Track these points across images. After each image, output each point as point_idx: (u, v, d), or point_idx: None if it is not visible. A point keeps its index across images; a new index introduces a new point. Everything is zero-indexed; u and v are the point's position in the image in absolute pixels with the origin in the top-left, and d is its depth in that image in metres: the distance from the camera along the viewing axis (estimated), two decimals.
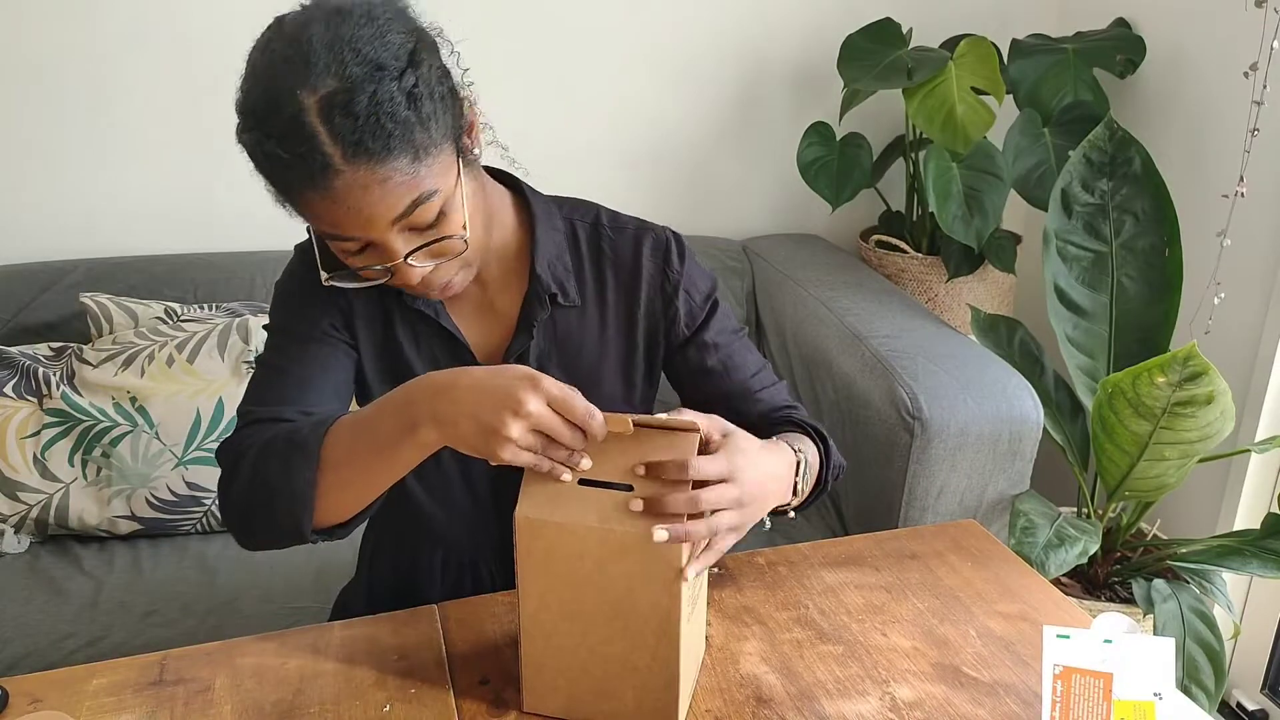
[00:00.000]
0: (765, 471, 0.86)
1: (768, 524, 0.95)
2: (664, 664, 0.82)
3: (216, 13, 1.84)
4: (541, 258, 0.98)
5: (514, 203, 1.01)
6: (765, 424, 1.02)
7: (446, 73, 0.86)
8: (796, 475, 0.93)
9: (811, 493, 1.00)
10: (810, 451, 0.98)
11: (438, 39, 0.87)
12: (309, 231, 0.93)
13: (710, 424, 0.83)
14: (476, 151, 0.90)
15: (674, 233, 1.04)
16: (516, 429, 0.75)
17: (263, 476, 0.87)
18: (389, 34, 0.80)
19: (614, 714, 0.85)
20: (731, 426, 0.85)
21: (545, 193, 1.04)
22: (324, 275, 0.88)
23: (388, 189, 0.80)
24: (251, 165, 0.84)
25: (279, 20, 0.82)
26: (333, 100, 0.77)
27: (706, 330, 1.04)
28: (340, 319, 0.98)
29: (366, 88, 0.78)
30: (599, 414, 0.78)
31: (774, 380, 1.07)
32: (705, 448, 0.82)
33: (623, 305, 1.02)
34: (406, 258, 0.85)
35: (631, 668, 0.83)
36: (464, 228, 0.87)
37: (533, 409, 0.75)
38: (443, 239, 0.86)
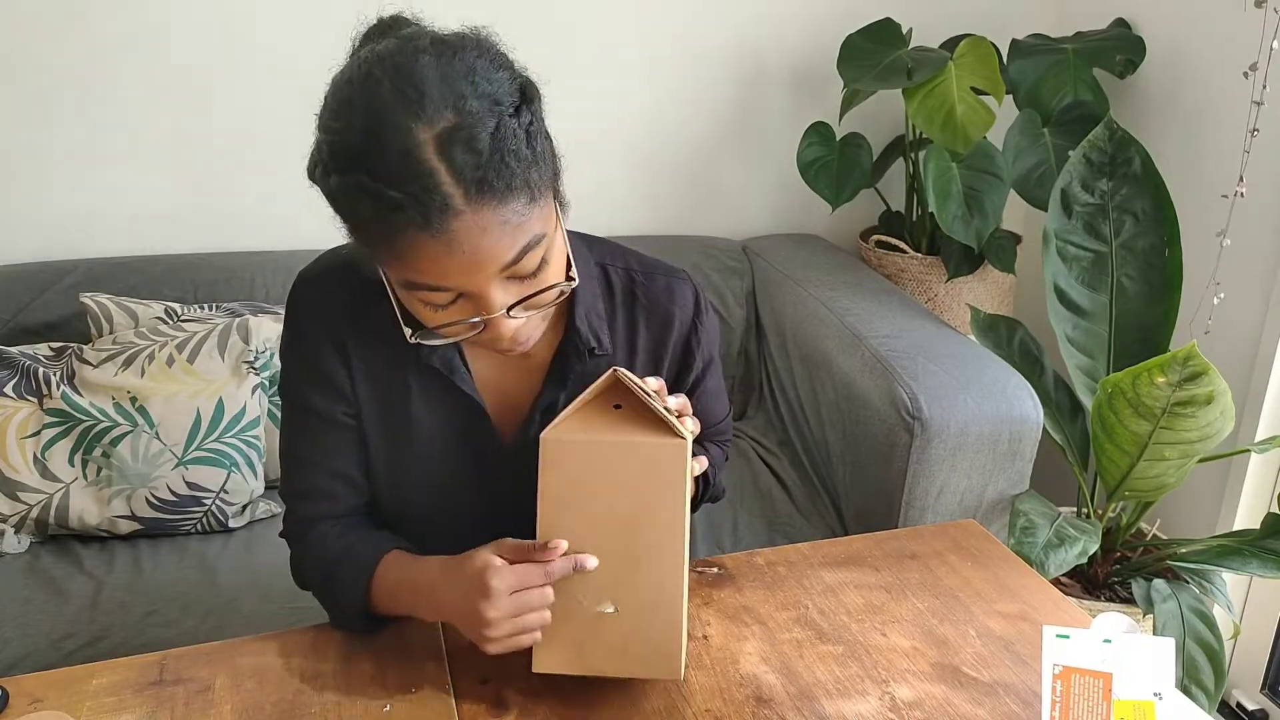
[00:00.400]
0: None
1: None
2: (671, 601, 0.84)
3: (217, 12, 1.84)
4: (580, 308, 0.95)
5: None
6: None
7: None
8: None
9: (699, 494, 1.07)
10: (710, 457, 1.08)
11: None
12: (389, 289, 0.84)
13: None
14: (565, 197, 0.86)
15: (699, 287, 1.07)
16: (497, 634, 0.83)
17: (331, 586, 0.96)
18: (500, 69, 0.76)
19: (619, 661, 0.85)
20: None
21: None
22: (408, 333, 0.83)
23: (505, 231, 0.75)
24: (335, 210, 0.78)
25: (376, 54, 0.75)
26: (453, 136, 0.72)
27: (704, 381, 1.08)
28: (343, 394, 0.96)
29: (488, 123, 0.73)
30: (559, 564, 0.83)
31: (728, 428, 1.16)
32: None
33: (651, 351, 1.02)
34: (509, 310, 0.80)
35: (636, 608, 0.84)
36: (572, 275, 0.84)
37: (494, 616, 0.82)
38: (546, 290, 0.81)
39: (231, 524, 1.66)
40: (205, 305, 1.79)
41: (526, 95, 0.77)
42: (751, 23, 2.12)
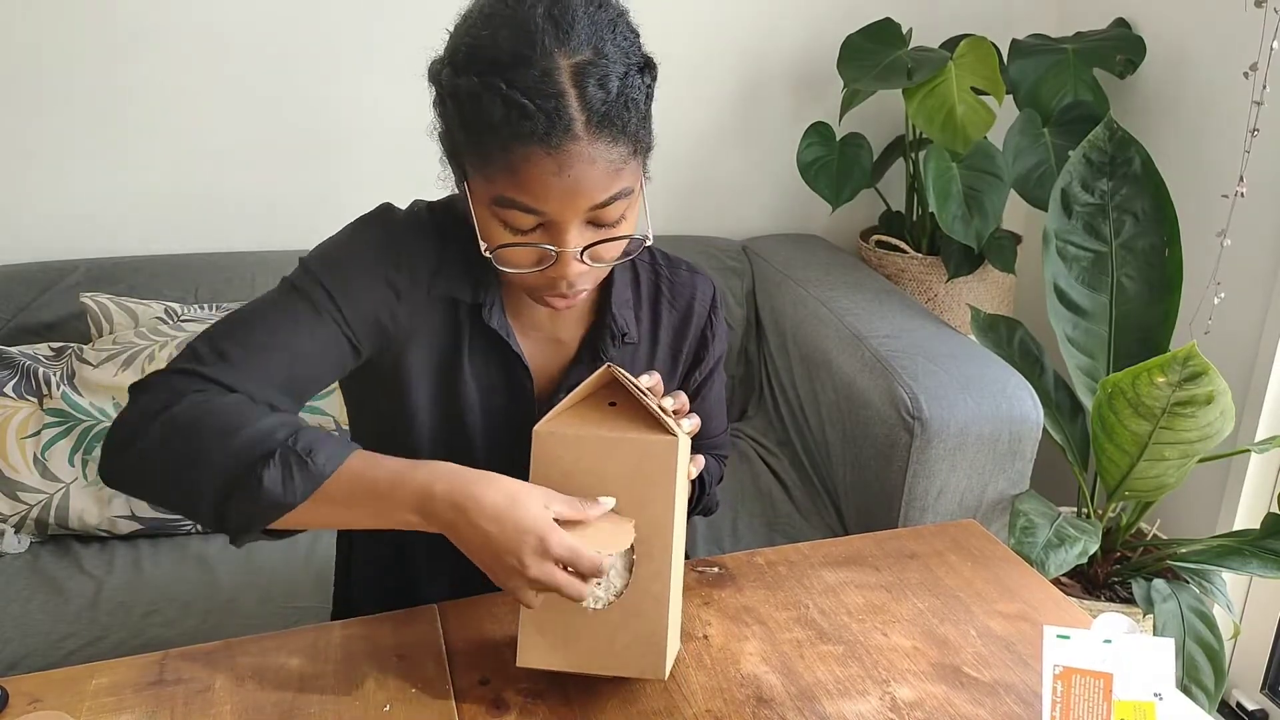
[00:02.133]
0: None
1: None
2: (657, 600, 0.83)
3: (216, 13, 1.84)
4: (614, 296, 0.99)
5: None
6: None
7: None
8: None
9: (694, 502, 1.09)
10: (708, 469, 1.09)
11: None
12: (470, 205, 0.85)
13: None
14: (649, 172, 0.89)
15: (715, 282, 1.10)
16: (518, 584, 0.80)
17: (245, 468, 0.79)
18: (633, 33, 0.84)
19: (604, 658, 0.85)
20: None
21: None
22: (484, 246, 0.85)
23: (608, 171, 0.80)
24: (450, 112, 0.81)
25: None
26: (588, 68, 0.78)
27: (711, 381, 1.10)
28: (391, 312, 0.92)
29: (619, 68, 0.80)
30: (607, 562, 0.81)
31: (726, 442, 1.17)
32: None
33: (672, 344, 1.06)
34: (582, 253, 0.84)
35: (622, 606, 0.84)
36: (648, 235, 0.89)
37: (536, 573, 0.79)
38: (617, 239, 0.86)
39: None
40: (205, 305, 1.79)
41: (649, 64, 0.85)
42: (751, 23, 2.12)
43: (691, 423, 0.91)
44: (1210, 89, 1.88)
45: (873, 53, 1.96)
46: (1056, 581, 1.71)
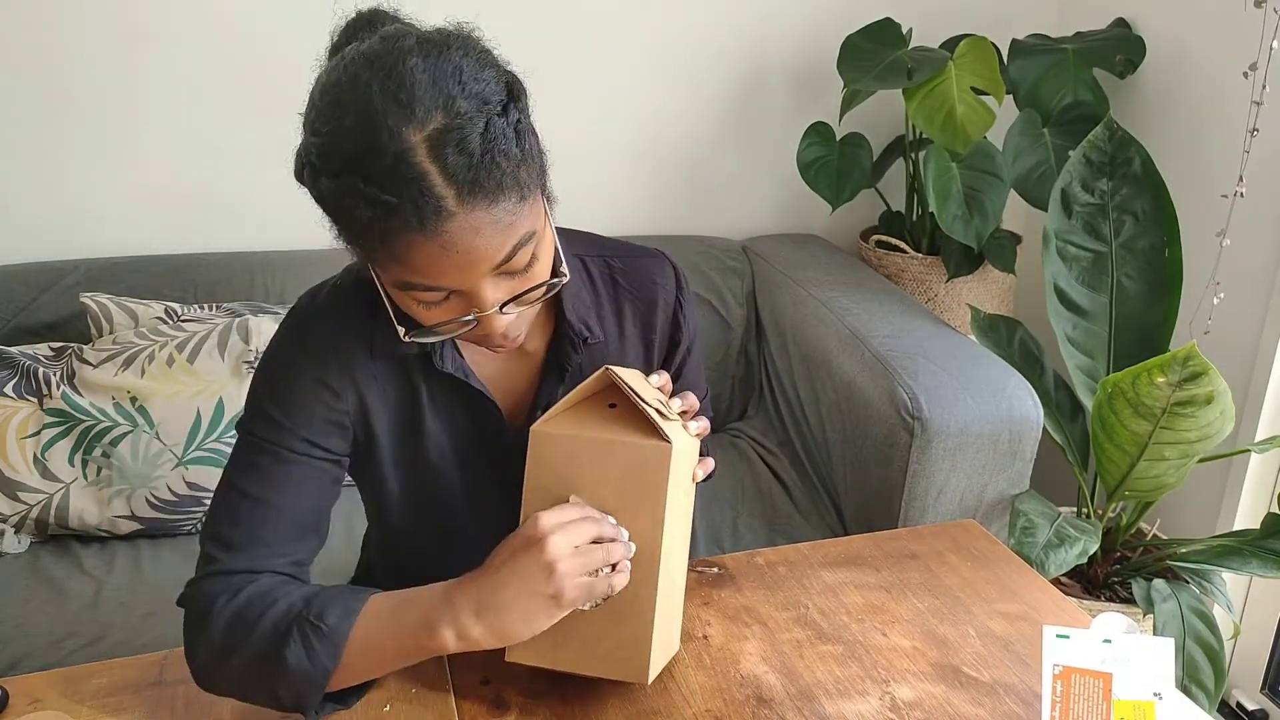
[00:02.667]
0: None
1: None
2: (643, 605, 0.83)
3: (217, 12, 1.84)
4: (567, 300, 0.96)
5: None
6: None
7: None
8: None
9: None
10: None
11: None
12: (381, 288, 0.84)
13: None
14: (552, 191, 0.86)
15: (673, 258, 1.07)
16: (572, 594, 0.79)
17: (273, 652, 0.82)
18: (486, 68, 0.76)
19: (590, 659, 0.85)
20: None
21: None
22: (402, 332, 0.82)
23: (497, 231, 0.75)
24: (325, 211, 0.77)
25: (362, 55, 0.75)
26: (444, 137, 0.72)
27: (690, 357, 1.08)
28: (339, 428, 0.92)
29: (476, 123, 0.73)
30: (617, 547, 0.82)
31: (708, 406, 1.12)
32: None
33: (640, 334, 1.04)
34: (503, 308, 0.80)
35: (609, 608, 0.84)
36: (562, 271, 0.85)
37: (563, 567, 0.79)
38: (535, 287, 0.82)
39: None
40: (205, 305, 1.79)
41: (513, 93, 0.77)
42: (751, 23, 2.12)
43: (700, 425, 0.90)
44: (1210, 89, 1.87)
45: (873, 53, 1.96)
46: (1056, 581, 1.71)
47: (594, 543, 0.82)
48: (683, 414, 0.90)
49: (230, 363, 1.66)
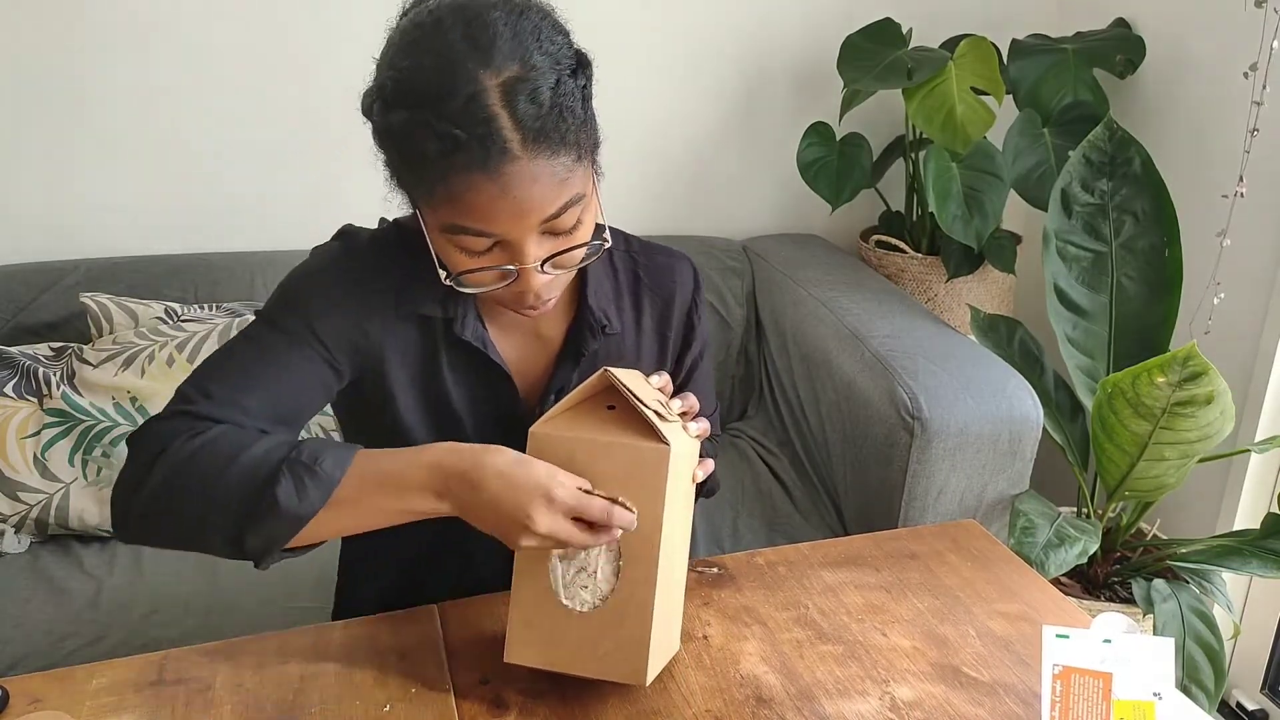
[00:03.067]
0: None
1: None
2: (642, 606, 0.83)
3: (215, 13, 1.84)
4: (590, 288, 0.98)
5: None
6: None
7: None
8: None
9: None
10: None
11: None
12: (426, 233, 0.85)
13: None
14: (601, 168, 0.88)
15: (693, 262, 1.10)
16: (530, 541, 0.80)
17: (256, 489, 0.81)
18: (560, 34, 0.82)
19: (589, 660, 0.85)
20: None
21: None
22: (443, 274, 0.84)
23: (553, 184, 0.79)
24: (387, 146, 0.80)
25: (446, 3, 0.79)
26: (517, 85, 0.76)
27: (701, 363, 1.10)
28: (348, 348, 0.92)
29: (549, 77, 0.78)
30: (618, 511, 0.81)
31: (716, 421, 1.15)
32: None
33: (656, 329, 1.05)
34: (543, 264, 0.83)
35: (606, 610, 0.84)
36: (605, 238, 0.88)
37: (543, 528, 0.79)
38: (577, 246, 0.84)
39: None
40: (205, 305, 1.79)
41: (581, 62, 0.82)
42: (751, 23, 2.12)
43: (700, 426, 0.90)
44: (1210, 89, 1.87)
45: (873, 53, 1.96)
46: (1056, 581, 1.71)
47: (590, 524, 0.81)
48: (683, 415, 0.90)
49: None
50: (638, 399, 0.84)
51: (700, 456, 0.93)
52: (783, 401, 1.95)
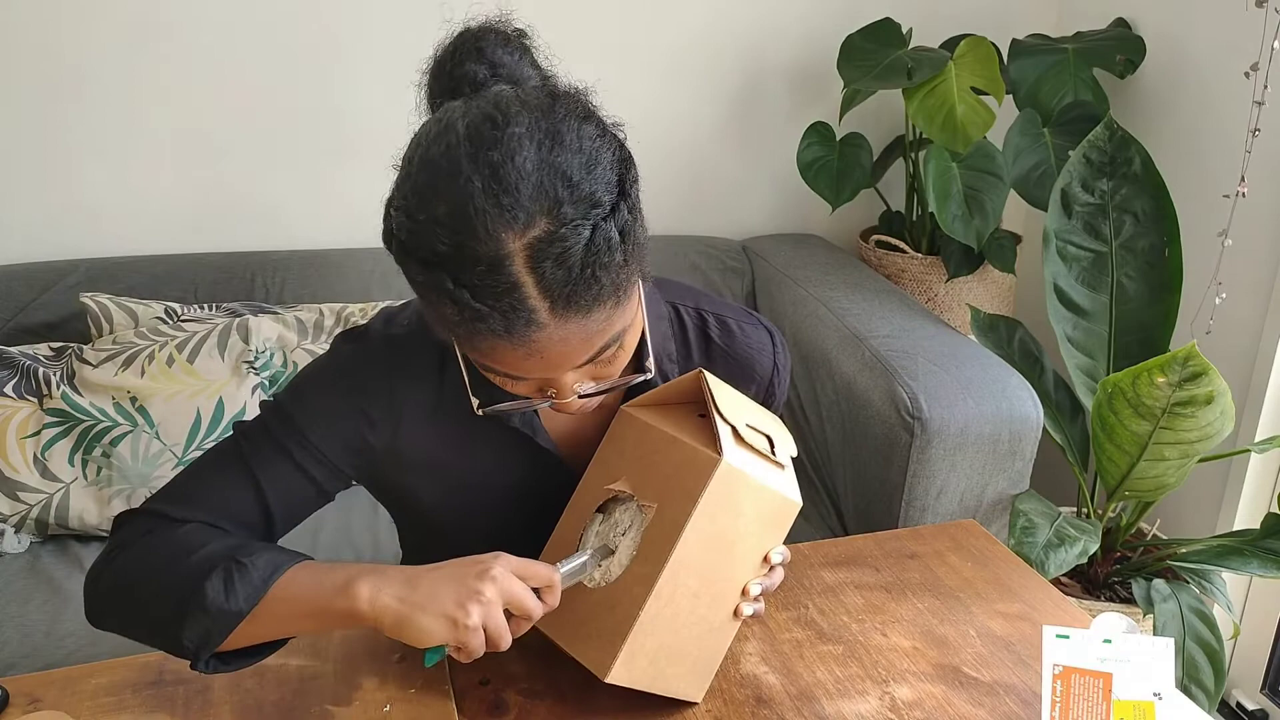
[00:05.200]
0: None
1: None
2: (633, 600, 0.81)
3: (216, 13, 1.84)
4: (651, 346, 0.90)
5: None
6: None
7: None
8: None
9: None
10: None
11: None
12: (461, 360, 0.83)
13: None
14: (649, 269, 0.80)
15: (772, 326, 1.03)
16: (473, 614, 0.75)
17: (192, 582, 0.80)
18: (600, 157, 0.72)
19: (573, 636, 0.84)
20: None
21: None
22: (475, 404, 0.82)
23: (586, 339, 0.73)
24: (415, 289, 0.73)
25: (466, 132, 0.70)
26: (544, 248, 0.68)
27: None
28: (378, 441, 0.89)
29: (581, 231, 0.69)
30: (556, 578, 0.80)
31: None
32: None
33: None
34: (584, 394, 0.79)
35: (604, 594, 0.83)
36: (647, 366, 0.84)
37: (493, 593, 0.76)
38: (617, 382, 0.81)
39: None
40: (205, 305, 1.79)
41: (624, 184, 0.73)
42: (751, 23, 2.12)
43: (756, 606, 0.88)
44: (1210, 89, 1.87)
45: (873, 53, 1.96)
46: (1056, 581, 1.71)
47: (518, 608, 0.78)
48: (770, 567, 0.88)
49: (230, 363, 1.66)
50: (719, 412, 0.83)
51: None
52: (782, 407, 1.95)
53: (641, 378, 0.84)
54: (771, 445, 0.87)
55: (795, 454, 0.91)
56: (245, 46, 1.88)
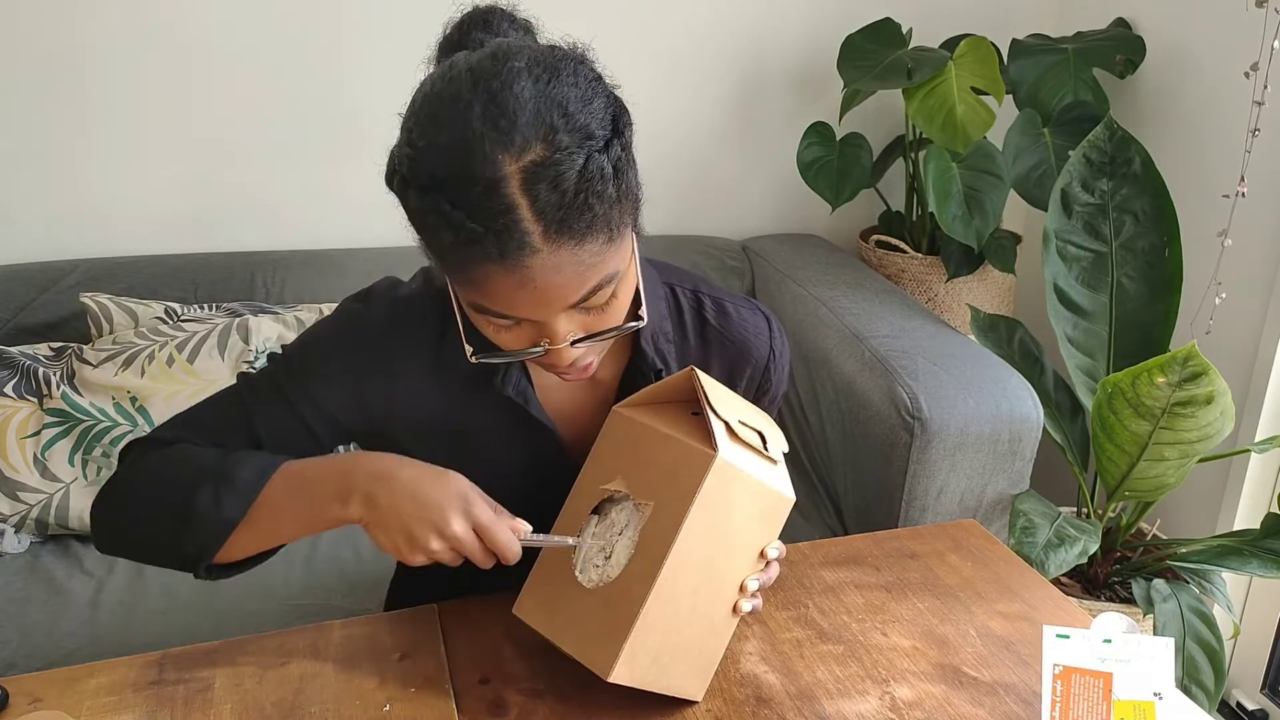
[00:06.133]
0: None
1: None
2: (633, 598, 0.81)
3: (216, 12, 1.84)
4: (646, 330, 0.93)
5: None
6: None
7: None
8: None
9: None
10: None
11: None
12: (456, 304, 0.84)
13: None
14: (644, 226, 0.82)
15: (770, 312, 1.04)
16: (436, 544, 0.80)
17: (184, 495, 0.85)
18: (595, 97, 0.74)
19: (573, 636, 0.84)
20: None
21: None
22: (469, 351, 0.82)
23: (579, 271, 0.73)
24: (413, 222, 0.75)
25: (470, 69, 0.72)
26: (539, 171, 0.69)
27: (770, 412, 1.04)
28: (356, 415, 0.92)
29: (575, 159, 0.70)
30: (517, 547, 0.82)
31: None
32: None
33: (723, 380, 0.98)
34: (575, 342, 0.79)
35: (604, 593, 0.83)
36: (641, 315, 0.84)
37: (456, 530, 0.80)
38: (609, 330, 0.80)
39: None
40: (205, 305, 1.79)
41: (618, 126, 0.75)
42: (751, 23, 2.12)
43: (754, 603, 0.88)
44: (1210, 89, 1.87)
45: (873, 53, 1.96)
46: (1056, 581, 1.71)
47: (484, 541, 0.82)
48: (766, 562, 0.89)
49: (230, 363, 1.66)
50: (713, 409, 0.83)
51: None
52: (783, 401, 1.95)
53: (634, 325, 0.83)
54: (764, 441, 0.88)
55: (787, 450, 0.92)
56: (246, 46, 1.88)
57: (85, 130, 1.86)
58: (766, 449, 0.87)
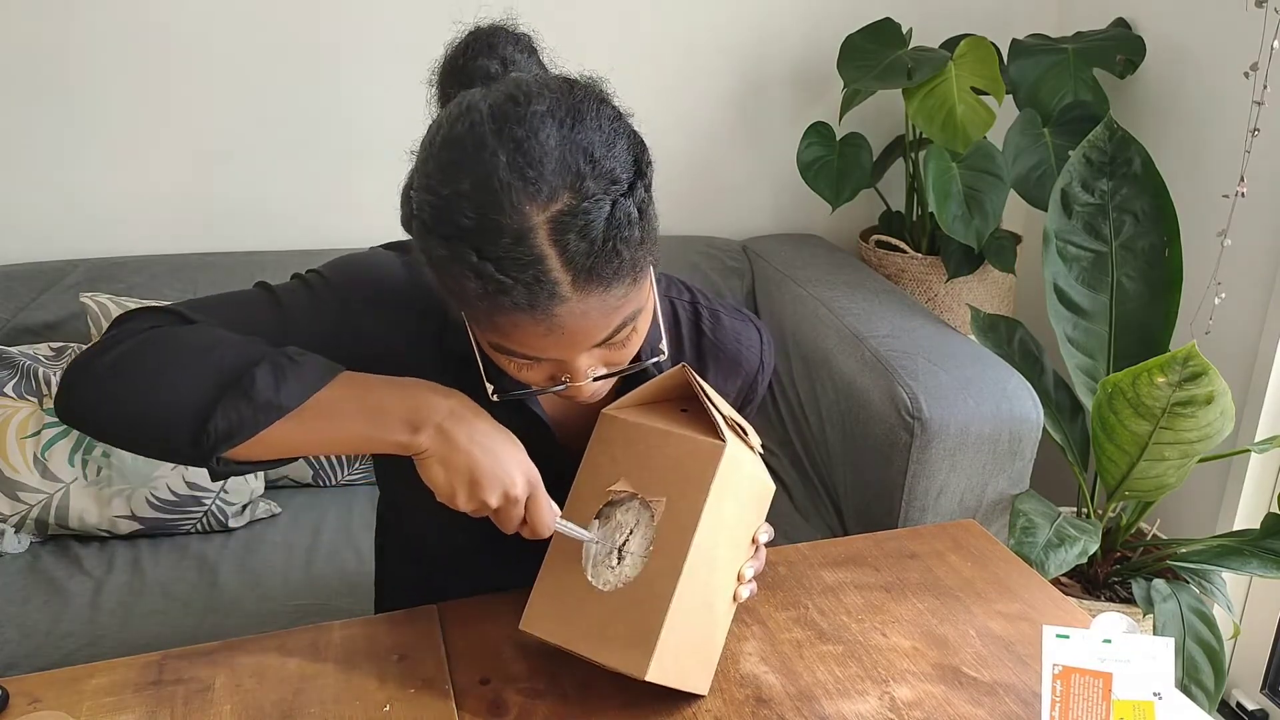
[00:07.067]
0: None
1: None
2: (660, 595, 0.81)
3: (216, 13, 1.84)
4: (646, 341, 0.90)
5: None
6: None
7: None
8: None
9: None
10: None
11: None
12: (473, 339, 0.83)
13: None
14: (659, 256, 0.81)
15: (761, 324, 1.05)
16: (495, 501, 0.80)
17: (239, 365, 0.78)
18: (618, 138, 0.73)
19: (599, 642, 0.84)
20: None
21: None
22: (490, 390, 0.82)
23: (605, 314, 0.73)
24: (434, 269, 0.74)
25: (489, 111, 0.71)
26: (567, 220, 0.69)
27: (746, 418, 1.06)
28: (382, 357, 0.87)
29: (603, 206, 0.70)
30: (553, 527, 0.85)
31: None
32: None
33: (716, 388, 0.99)
34: (597, 378, 0.79)
35: (625, 594, 0.83)
36: (660, 349, 0.85)
37: (518, 494, 0.81)
38: (630, 365, 0.81)
39: (231, 524, 1.66)
40: None
41: (640, 166, 0.75)
42: (751, 23, 2.12)
43: (749, 589, 0.90)
44: (1210, 89, 1.87)
45: (873, 53, 1.96)
46: (1056, 581, 1.71)
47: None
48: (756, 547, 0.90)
49: None
50: (710, 402, 0.84)
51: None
52: (782, 401, 1.95)
53: (653, 360, 0.85)
54: (746, 434, 0.90)
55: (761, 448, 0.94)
56: (246, 46, 1.88)
57: (85, 130, 1.86)
58: (749, 441, 0.90)
